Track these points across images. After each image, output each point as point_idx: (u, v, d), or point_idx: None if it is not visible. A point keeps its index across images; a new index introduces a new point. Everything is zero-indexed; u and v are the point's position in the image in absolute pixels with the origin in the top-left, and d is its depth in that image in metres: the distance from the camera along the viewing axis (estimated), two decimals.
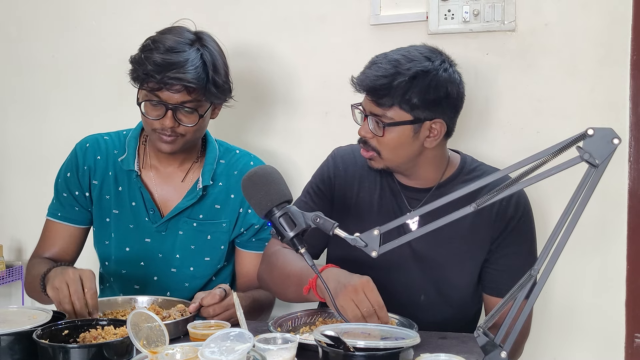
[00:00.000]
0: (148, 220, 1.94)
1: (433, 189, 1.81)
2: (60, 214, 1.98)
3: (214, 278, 2.01)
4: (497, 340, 1.27)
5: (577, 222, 1.21)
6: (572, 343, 2.19)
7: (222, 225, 1.96)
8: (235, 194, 1.95)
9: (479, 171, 1.83)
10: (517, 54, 2.15)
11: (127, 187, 1.95)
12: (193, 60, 1.77)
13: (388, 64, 1.69)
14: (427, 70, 1.67)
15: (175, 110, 1.79)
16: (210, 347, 1.19)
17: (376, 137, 1.72)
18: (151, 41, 1.82)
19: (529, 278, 1.27)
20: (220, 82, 1.82)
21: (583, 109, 2.11)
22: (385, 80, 1.67)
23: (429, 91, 1.67)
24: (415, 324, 1.57)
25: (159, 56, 1.76)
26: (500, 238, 1.77)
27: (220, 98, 1.86)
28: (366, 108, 1.74)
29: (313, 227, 1.45)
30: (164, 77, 1.74)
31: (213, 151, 1.98)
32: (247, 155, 2.02)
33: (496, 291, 1.80)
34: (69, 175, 1.97)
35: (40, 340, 1.29)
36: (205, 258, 1.97)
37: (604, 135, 1.19)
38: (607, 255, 2.13)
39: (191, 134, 1.84)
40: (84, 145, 1.98)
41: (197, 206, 1.94)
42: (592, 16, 2.08)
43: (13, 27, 2.66)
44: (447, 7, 2.15)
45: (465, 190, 1.31)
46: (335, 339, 1.26)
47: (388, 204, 1.83)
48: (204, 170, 1.94)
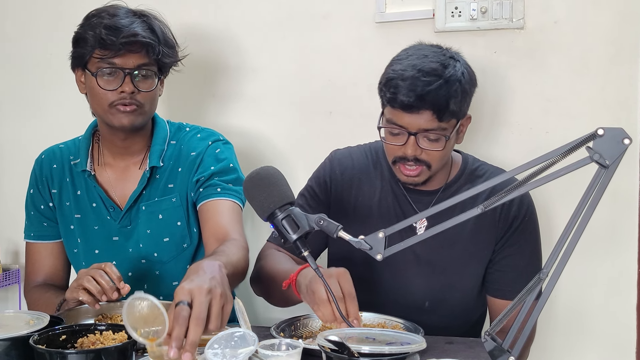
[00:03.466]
0: (110, 218, 1.92)
1: (441, 190, 1.79)
2: (33, 234, 1.99)
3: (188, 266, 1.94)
4: (505, 345, 1.25)
5: (587, 225, 1.18)
6: (581, 348, 2.17)
7: (171, 201, 1.91)
8: (182, 166, 1.92)
9: (481, 171, 1.82)
10: (525, 52, 2.12)
11: (85, 189, 1.94)
12: (140, 23, 1.80)
13: (430, 76, 1.62)
14: (462, 72, 1.67)
15: (132, 75, 1.78)
16: (213, 348, 1.18)
17: (427, 152, 1.68)
18: (92, 14, 1.83)
19: (538, 281, 1.25)
20: (170, 42, 1.86)
21: (593, 108, 2.08)
22: (443, 92, 1.62)
23: (471, 91, 1.70)
24: (421, 328, 1.54)
25: (108, 21, 1.77)
26: (504, 238, 1.76)
27: (172, 59, 1.87)
28: (412, 126, 1.65)
29: (316, 229, 1.42)
30: (120, 38, 1.74)
31: (162, 131, 1.95)
32: (195, 129, 1.99)
33: (500, 293, 1.78)
34: (32, 192, 1.98)
35: (37, 346, 1.27)
36: (164, 239, 1.91)
37: (615, 135, 1.17)
38: (618, 258, 2.10)
39: (149, 102, 1.83)
40: (40, 158, 2.00)
41: (150, 191, 1.91)
42: (602, 13, 2.06)
43: (9, 26, 2.64)
44: (454, 5, 2.12)
45: (474, 191, 1.29)
46: (339, 345, 1.24)
47: (390, 208, 1.81)
48: (151, 151, 1.91)
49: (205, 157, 1.91)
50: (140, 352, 1.47)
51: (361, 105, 2.23)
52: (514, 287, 1.70)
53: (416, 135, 1.65)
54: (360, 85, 2.23)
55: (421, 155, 1.68)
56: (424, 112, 1.63)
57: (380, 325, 1.61)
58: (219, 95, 2.43)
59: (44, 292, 1.86)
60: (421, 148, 1.67)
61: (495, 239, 1.76)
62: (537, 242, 1.80)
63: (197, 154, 1.91)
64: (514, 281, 1.73)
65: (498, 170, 1.82)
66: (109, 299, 1.56)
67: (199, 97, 2.42)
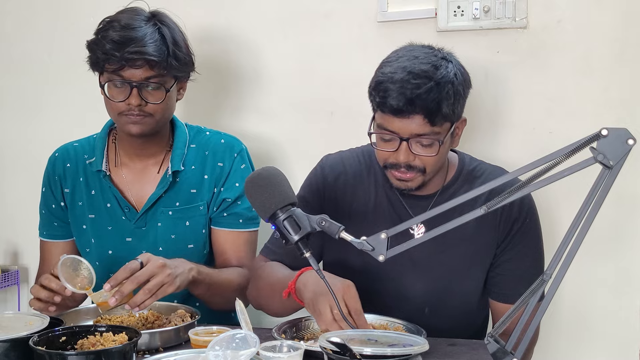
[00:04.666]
0: (125, 219, 1.92)
1: (437, 194, 1.75)
2: (45, 232, 2.00)
3: None
4: (508, 347, 1.24)
5: (591, 225, 1.18)
6: (585, 349, 2.15)
7: (199, 209, 1.92)
8: (209, 175, 1.93)
9: (478, 171, 1.77)
10: (528, 51, 2.11)
11: (100, 189, 1.93)
12: (151, 34, 1.77)
13: (420, 78, 1.57)
14: (455, 73, 1.61)
15: (140, 88, 1.77)
16: (214, 349, 1.18)
17: (420, 157, 1.62)
18: (106, 22, 1.81)
19: (541, 283, 1.24)
20: (181, 54, 1.83)
21: (597, 108, 2.06)
22: (433, 95, 1.56)
23: (465, 93, 1.64)
24: (423, 330, 1.53)
25: (115, 34, 1.75)
26: (505, 242, 1.73)
27: (183, 71, 1.86)
28: (403, 131, 1.60)
29: (318, 230, 1.41)
30: (124, 53, 1.73)
31: (182, 135, 1.95)
32: (217, 134, 2.00)
33: (502, 296, 1.76)
34: (44, 190, 1.99)
35: (37, 347, 1.26)
36: (189, 245, 1.93)
37: (619, 136, 1.17)
38: (622, 259, 2.09)
39: (159, 113, 1.82)
40: (54, 156, 2.00)
41: (172, 194, 1.91)
42: (606, 12, 2.04)
43: (9, 26, 2.64)
44: (457, 4, 2.11)
45: (473, 194, 1.27)
46: (341, 346, 1.23)
47: (385, 214, 1.76)
48: (173, 155, 1.91)
49: (232, 173, 1.93)
50: (141, 353, 1.47)
51: (363, 105, 2.19)
52: (516, 291, 1.63)
53: (408, 141, 1.60)
54: (362, 85, 2.19)
55: (414, 161, 1.62)
56: (415, 117, 1.57)
57: (383, 327, 1.60)
58: (220, 95, 2.42)
59: None
60: (414, 154, 1.62)
61: (497, 243, 1.73)
62: (538, 245, 1.77)
63: (224, 167, 1.93)
64: (516, 284, 1.69)
65: (496, 170, 1.78)
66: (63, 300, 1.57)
67: (200, 97, 2.41)
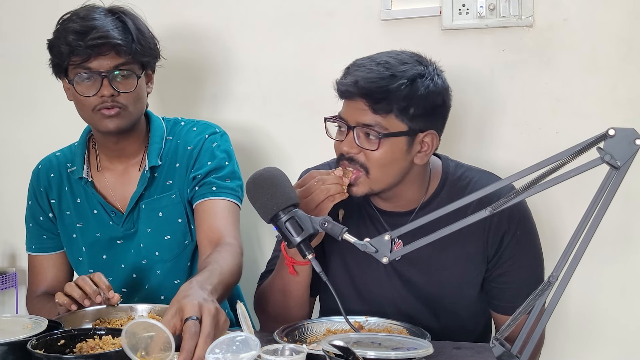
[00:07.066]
0: (113, 223, 1.90)
1: (415, 211, 1.66)
2: (34, 247, 1.97)
3: (189, 264, 1.93)
4: (514, 350, 1.23)
5: (598, 227, 1.17)
6: (591, 352, 2.15)
7: (171, 198, 1.88)
8: (180, 162, 1.89)
9: (464, 180, 1.68)
10: (534, 50, 2.10)
11: (85, 197, 1.91)
12: (112, 21, 1.76)
13: (379, 66, 1.52)
14: (423, 74, 1.54)
15: (110, 78, 1.75)
16: (214, 352, 1.17)
17: (364, 152, 1.55)
18: (64, 18, 1.80)
19: (547, 285, 1.23)
20: (144, 40, 1.81)
21: (604, 108, 2.05)
22: (383, 82, 1.50)
23: (428, 97, 1.53)
24: (427, 333, 1.50)
25: (76, 25, 1.73)
26: (496, 257, 1.66)
27: (148, 56, 1.83)
28: (351, 118, 1.56)
29: (321, 231, 1.40)
30: (88, 41, 1.70)
31: (158, 129, 1.92)
32: (191, 122, 1.96)
33: (501, 309, 1.71)
34: (31, 204, 1.97)
35: (35, 351, 1.25)
36: (166, 237, 1.89)
37: (626, 136, 1.15)
38: (629, 261, 2.08)
39: (132, 104, 1.79)
40: (37, 169, 1.98)
41: (151, 190, 1.89)
42: (613, 10, 2.03)
43: (4, 25, 2.63)
44: (462, 2, 2.10)
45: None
46: (344, 350, 1.22)
47: (369, 231, 1.68)
48: (149, 150, 1.88)
49: (202, 152, 1.88)
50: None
51: None
52: (515, 303, 1.57)
53: (354, 130, 1.54)
54: None
55: (358, 155, 1.55)
56: (358, 100, 1.53)
57: (386, 330, 1.58)
58: (221, 95, 2.41)
59: (46, 303, 1.84)
60: (358, 146, 1.54)
61: (486, 256, 1.66)
62: (534, 253, 1.69)
63: (194, 148, 1.88)
64: (514, 296, 1.63)
65: (484, 176, 1.69)
66: (92, 304, 1.57)
67: (201, 97, 2.40)
